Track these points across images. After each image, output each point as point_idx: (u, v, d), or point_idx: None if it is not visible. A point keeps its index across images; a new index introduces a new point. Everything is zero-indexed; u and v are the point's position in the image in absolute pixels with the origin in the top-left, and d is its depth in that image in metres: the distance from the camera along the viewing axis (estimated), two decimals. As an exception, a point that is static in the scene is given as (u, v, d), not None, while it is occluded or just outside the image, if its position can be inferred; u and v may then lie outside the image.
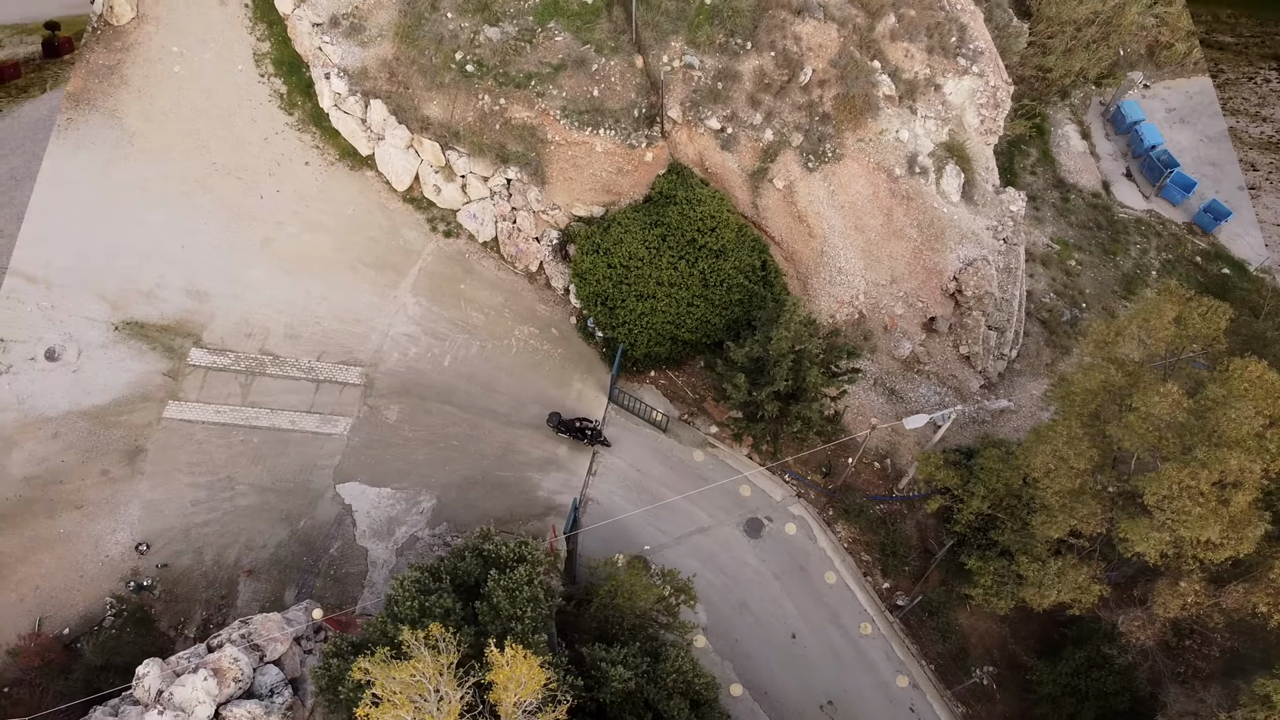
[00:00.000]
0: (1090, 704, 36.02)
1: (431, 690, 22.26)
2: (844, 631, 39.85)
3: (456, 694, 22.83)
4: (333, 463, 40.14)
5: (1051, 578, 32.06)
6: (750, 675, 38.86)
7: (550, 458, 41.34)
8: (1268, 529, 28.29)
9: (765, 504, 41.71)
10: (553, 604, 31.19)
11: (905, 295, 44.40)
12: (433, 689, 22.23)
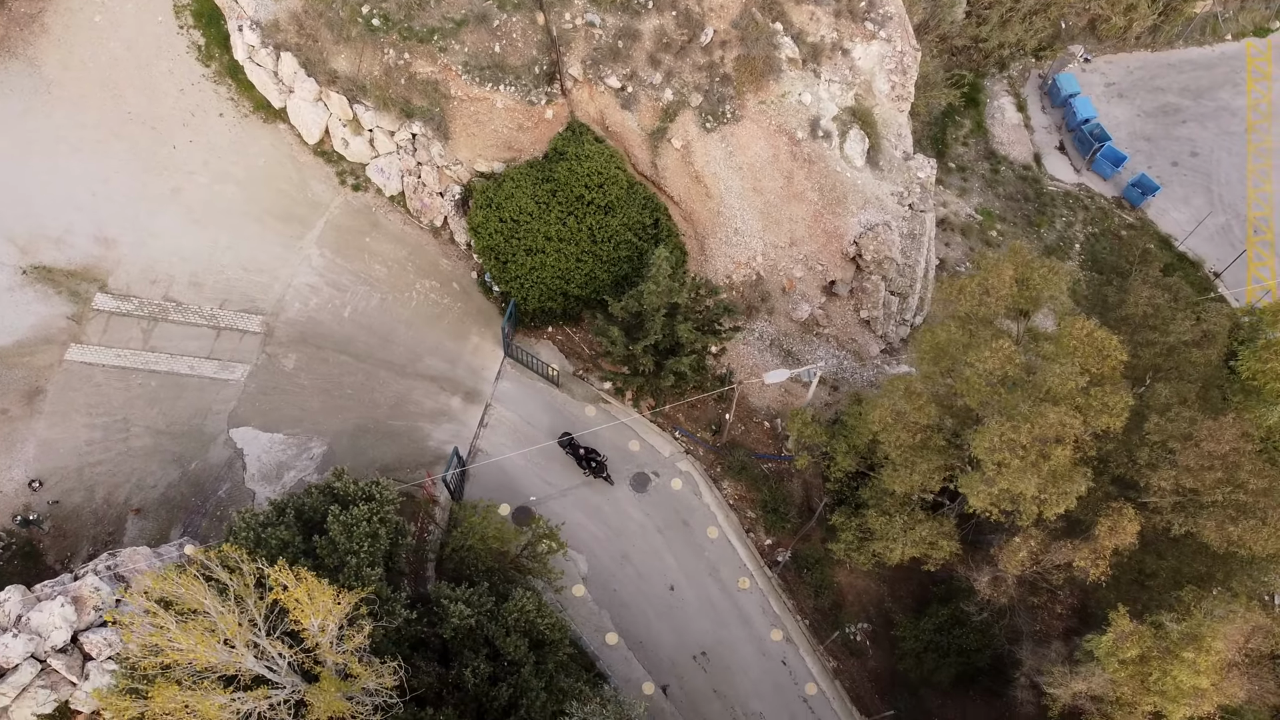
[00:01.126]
0: (950, 659, 36.71)
1: (217, 602, 23.11)
2: (722, 585, 40.60)
3: (252, 600, 23.66)
4: (228, 408, 40.98)
5: (897, 532, 32.68)
6: (627, 625, 39.69)
7: (443, 409, 42.10)
8: (1090, 485, 28.78)
9: (653, 459, 42.39)
10: (405, 542, 32.03)
11: (805, 258, 44.76)
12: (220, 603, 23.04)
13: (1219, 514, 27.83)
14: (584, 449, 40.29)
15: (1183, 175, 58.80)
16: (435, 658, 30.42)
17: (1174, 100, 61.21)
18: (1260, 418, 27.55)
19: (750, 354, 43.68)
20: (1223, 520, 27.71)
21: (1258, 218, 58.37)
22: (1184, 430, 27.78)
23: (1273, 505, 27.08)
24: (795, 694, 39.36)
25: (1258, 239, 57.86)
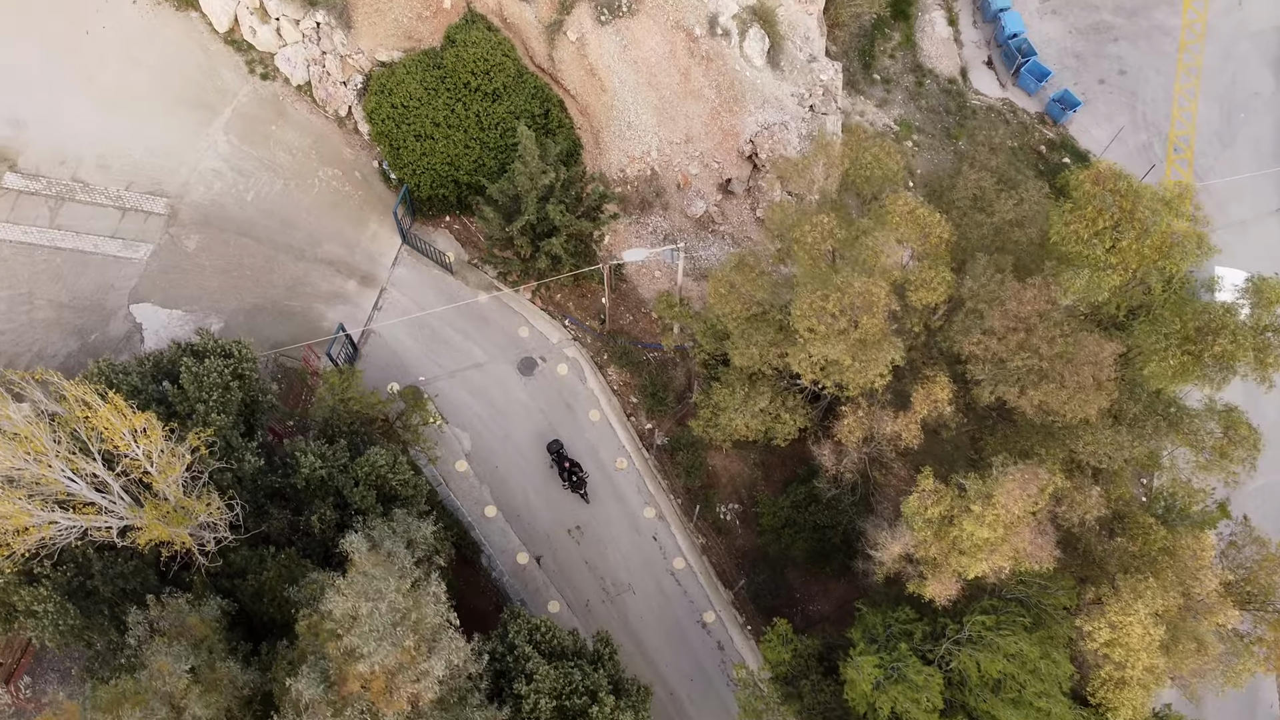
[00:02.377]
0: (806, 535, 38.38)
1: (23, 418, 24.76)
2: (600, 465, 42.26)
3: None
4: (129, 285, 42.47)
5: (739, 403, 34.09)
6: (506, 499, 41.48)
7: (338, 292, 43.49)
8: (903, 355, 30.00)
9: (541, 345, 43.81)
10: (265, 400, 33.66)
11: (701, 155, 45.59)
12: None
13: (1022, 378, 29.06)
14: (570, 461, 40.53)
15: (1109, 93, 58.96)
16: (289, 506, 32.19)
17: (1108, 18, 61.01)
18: (1067, 283, 28.50)
19: (644, 248, 44.73)
20: (1025, 384, 28.95)
21: (1179, 136, 58.68)
22: (993, 294, 28.89)
23: (1070, 369, 28.23)
24: (663, 567, 41.22)
25: (1177, 157, 58.28)
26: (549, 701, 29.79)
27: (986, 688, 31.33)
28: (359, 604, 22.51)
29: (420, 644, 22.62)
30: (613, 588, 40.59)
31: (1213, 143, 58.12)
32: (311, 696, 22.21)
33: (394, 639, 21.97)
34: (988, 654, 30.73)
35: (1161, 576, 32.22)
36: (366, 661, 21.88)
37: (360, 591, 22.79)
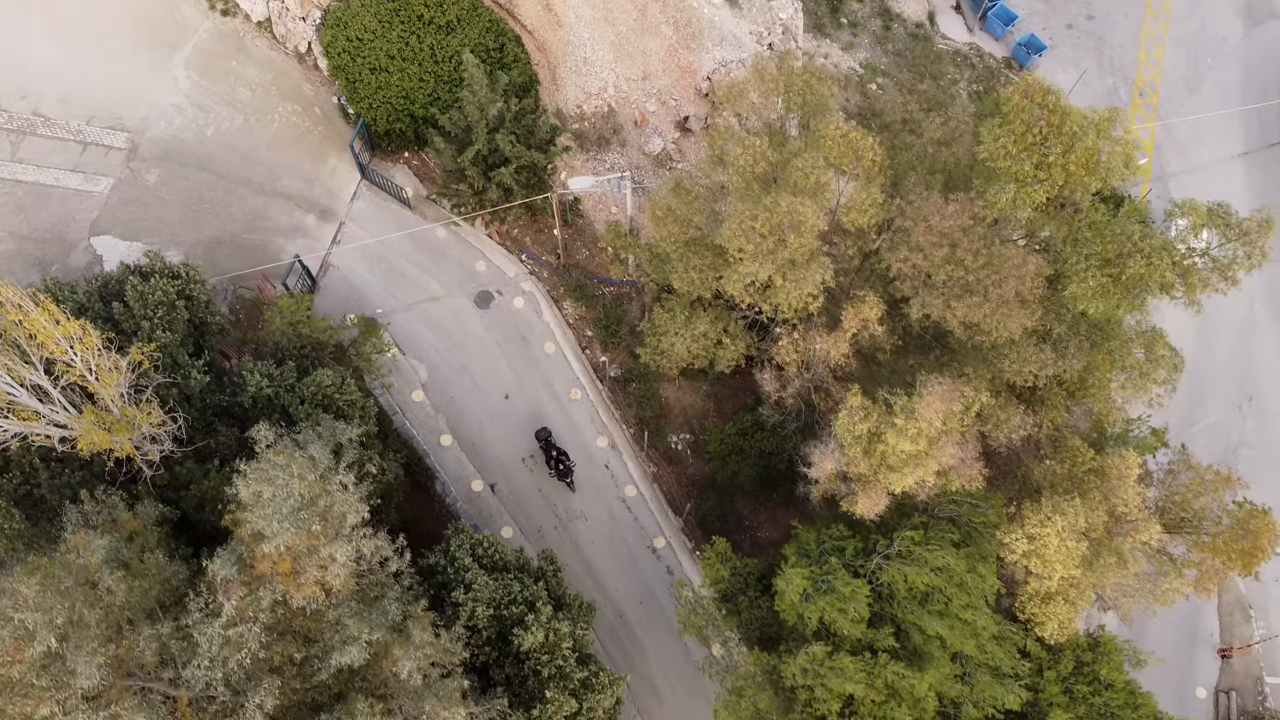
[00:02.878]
0: (751, 462, 39.20)
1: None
2: (555, 396, 43.04)
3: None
4: (90, 218, 42.99)
5: (679, 327, 34.77)
6: (461, 429, 42.29)
7: (297, 226, 44.02)
8: (833, 276, 30.61)
9: (498, 279, 44.42)
10: (214, 322, 34.35)
11: (658, 92, 45.91)
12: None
13: (948, 293, 29.68)
14: (557, 450, 40.66)
15: (1076, 38, 59.11)
16: (236, 424, 32.97)
17: (1077, -38, 60.98)
18: (993, 197, 28.98)
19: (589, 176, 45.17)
20: (950, 298, 29.58)
21: (1145, 82, 58.88)
22: (918, 211, 29.45)
23: (995, 282, 28.81)
24: (615, 495, 42.12)
25: (1142, 102, 58.51)
26: (486, 610, 30.76)
27: (914, 600, 32.26)
28: (262, 488, 23.33)
29: (327, 530, 23.44)
30: (565, 514, 41.50)
31: (1179, 88, 58.34)
32: (225, 575, 23.10)
33: (297, 522, 22.79)
34: (915, 568, 31.61)
35: (1088, 496, 33.08)
36: (271, 543, 22.72)
37: (264, 477, 23.60)
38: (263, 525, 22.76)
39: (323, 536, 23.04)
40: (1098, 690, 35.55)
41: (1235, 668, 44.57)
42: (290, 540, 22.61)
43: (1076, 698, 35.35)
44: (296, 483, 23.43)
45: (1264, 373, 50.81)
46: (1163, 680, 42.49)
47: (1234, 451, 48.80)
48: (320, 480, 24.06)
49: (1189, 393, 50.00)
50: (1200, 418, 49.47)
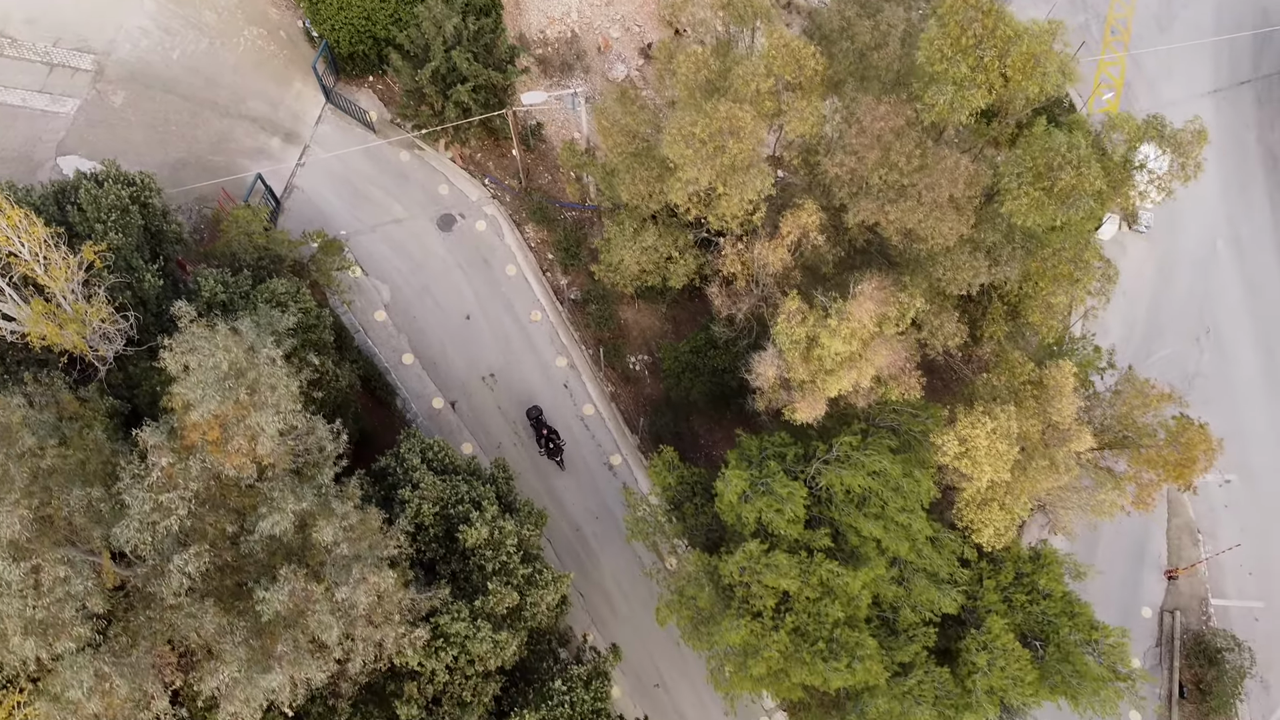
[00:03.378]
0: (704, 378, 39.95)
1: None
2: (515, 317, 43.74)
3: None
4: (57, 138, 43.45)
5: (628, 239, 35.36)
6: (423, 348, 43.05)
7: (262, 148, 44.48)
8: (774, 184, 31.14)
9: (461, 203, 44.96)
10: (171, 230, 34.98)
11: (621, 18, 46.14)
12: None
13: (883, 196, 30.22)
14: (548, 428, 40.96)
15: (1050, -27, 58.94)
16: (192, 328, 33.69)
17: (1054, -103, 60.68)
18: (931, 99, 29.37)
19: (563, 109, 45.56)
20: (885, 202, 30.12)
21: (1118, 19, 58.90)
22: (852, 113, 29.90)
23: (928, 185, 29.33)
24: (574, 413, 42.96)
25: (1113, 39, 58.57)
26: (432, 508, 31.65)
27: (850, 504, 33.13)
28: (188, 359, 24.09)
29: (255, 400, 24.17)
30: (524, 432, 42.34)
31: (1150, 26, 58.37)
32: (154, 442, 23.93)
33: (224, 390, 23.54)
34: (852, 471, 32.42)
35: (1024, 406, 33.86)
36: (198, 410, 23.52)
37: (188, 348, 24.36)
38: (190, 394, 23.55)
39: (251, 407, 23.81)
40: (1036, 599, 36.49)
41: (1181, 589, 45.61)
42: (217, 408, 23.40)
43: (1015, 606, 36.29)
44: (221, 354, 24.18)
45: (1223, 307, 51.40)
46: (1110, 600, 43.63)
47: (1190, 382, 49.46)
48: (248, 354, 24.78)
49: (1148, 325, 50.74)
50: (1158, 349, 50.12)
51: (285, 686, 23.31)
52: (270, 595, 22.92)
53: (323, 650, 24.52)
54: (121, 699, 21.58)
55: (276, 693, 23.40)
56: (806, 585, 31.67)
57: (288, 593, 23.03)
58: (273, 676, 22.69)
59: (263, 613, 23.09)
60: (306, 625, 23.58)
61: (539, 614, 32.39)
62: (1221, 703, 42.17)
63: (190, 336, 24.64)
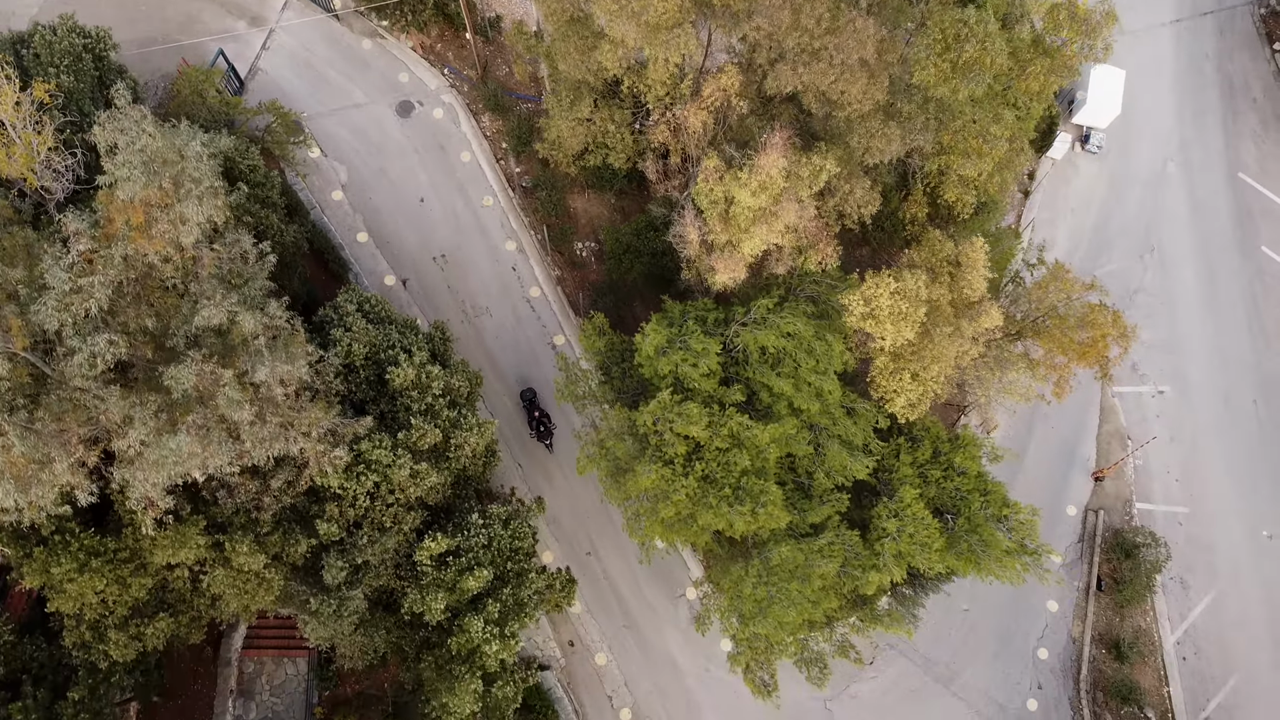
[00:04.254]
0: (644, 259, 41.33)
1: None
2: (468, 202, 45.16)
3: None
4: (29, 13, 44.78)
5: (565, 109, 36.65)
6: (377, 227, 44.53)
7: (228, 30, 45.81)
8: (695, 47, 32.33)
9: (420, 91, 46.26)
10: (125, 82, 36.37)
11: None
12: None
13: (796, 59, 31.44)
14: (540, 410, 41.73)
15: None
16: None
17: None
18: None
19: (522, 2, 46.72)
20: (796, 64, 31.33)
21: (1086, -53, 59.37)
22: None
23: (839, 47, 30.49)
24: (520, 295, 44.46)
25: (1080, -34, 59.08)
26: (362, 348, 33.23)
27: (765, 364, 34.60)
28: (116, 138, 25.56)
29: (180, 192, 25.55)
30: (471, 310, 43.89)
31: (1118, -46, 58.82)
32: (76, 228, 25.41)
33: (149, 173, 24.97)
34: (766, 331, 33.87)
35: (940, 279, 35.20)
36: (124, 189, 24.96)
37: (118, 128, 25.81)
38: (115, 172, 24.99)
39: (176, 197, 25.20)
40: (951, 476, 37.93)
41: (1107, 490, 47.05)
42: (142, 191, 24.80)
43: (930, 481, 37.74)
44: (148, 138, 25.56)
45: (1169, 227, 52.47)
46: (1037, 498, 44.66)
47: (1131, 297, 50.71)
48: (178, 151, 26.03)
49: (1094, 241, 51.88)
50: (1104, 265, 51.26)
51: (195, 457, 24.79)
52: (179, 371, 24.42)
53: (235, 435, 25.99)
54: (17, 456, 23.12)
55: (185, 460, 24.72)
56: (717, 436, 33.18)
57: (196, 371, 24.55)
58: (181, 438, 24.18)
59: (172, 389, 24.65)
60: (216, 405, 25.11)
61: (463, 457, 33.99)
62: (1135, 593, 43.72)
63: (122, 117, 26.01)
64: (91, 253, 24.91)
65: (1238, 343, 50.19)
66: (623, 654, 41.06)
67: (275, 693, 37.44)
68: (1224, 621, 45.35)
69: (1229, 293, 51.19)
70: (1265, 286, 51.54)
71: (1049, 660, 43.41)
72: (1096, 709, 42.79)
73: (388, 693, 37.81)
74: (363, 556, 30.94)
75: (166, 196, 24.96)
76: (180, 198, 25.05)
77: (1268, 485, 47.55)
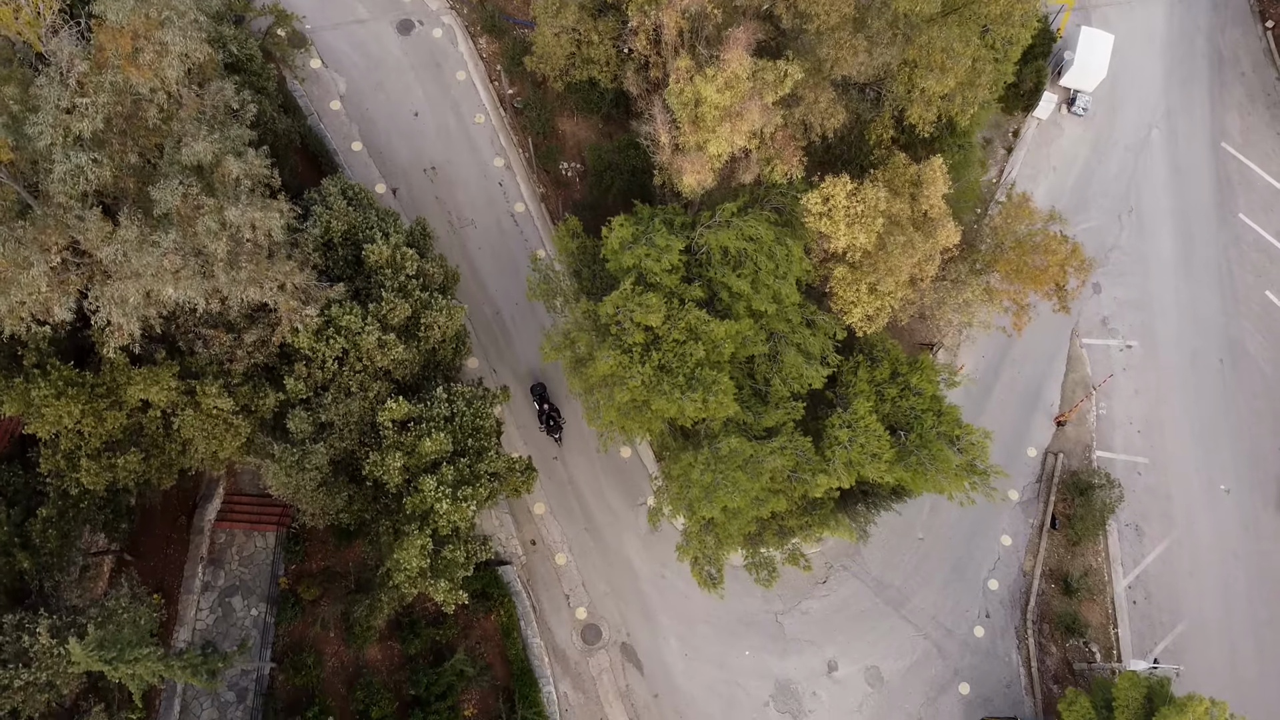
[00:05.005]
0: (623, 176, 42.85)
1: None
2: (460, 119, 46.81)
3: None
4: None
5: (551, 15, 38.18)
6: (371, 138, 46.24)
7: (241, -56, 47.59)
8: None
9: (421, 10, 47.99)
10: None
11: None
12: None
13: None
14: (550, 404, 42.80)
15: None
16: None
17: None
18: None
19: (525, -67, 48.37)
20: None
21: (1086, -81, 60.45)
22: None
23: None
24: (505, 209, 46.05)
25: (1079, -63, 60.16)
26: (341, 225, 34.86)
27: (727, 266, 35.95)
28: None
29: (163, 21, 27.14)
30: (457, 221, 45.51)
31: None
32: (71, 51, 27.01)
33: (136, 3, 26.63)
34: (729, 233, 35.23)
35: (900, 195, 36.50)
36: (113, 10, 26.55)
37: None
38: (100, 9, 26.72)
39: (159, 26, 26.80)
40: (907, 396, 39.12)
41: (1068, 435, 48.10)
42: (128, 19, 26.40)
43: (886, 398, 38.93)
44: None
45: (1149, 190, 53.50)
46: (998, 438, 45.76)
47: (1107, 254, 51.78)
48: None
49: (1074, 198, 52.95)
50: (1081, 221, 52.32)
51: (169, 274, 26.20)
52: (164, 188, 26.02)
53: (209, 272, 27.52)
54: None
55: (162, 276, 26.05)
56: (675, 329, 34.55)
57: (181, 193, 26.14)
58: (164, 242, 25.63)
59: (156, 204, 26.22)
60: (195, 233, 26.68)
61: (432, 338, 35.54)
62: (1087, 530, 44.76)
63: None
64: (84, 77, 26.56)
65: (1209, 304, 51.15)
66: (582, 555, 42.47)
67: (244, 563, 39.08)
68: (1176, 569, 46.29)
69: (1204, 256, 52.16)
70: (1240, 252, 52.47)
71: (999, 591, 44.50)
72: (1042, 640, 43.86)
73: (351, 570, 39.38)
74: (328, 415, 32.51)
75: (151, 24, 26.51)
76: (162, 23, 26.61)
77: (1228, 441, 48.47)
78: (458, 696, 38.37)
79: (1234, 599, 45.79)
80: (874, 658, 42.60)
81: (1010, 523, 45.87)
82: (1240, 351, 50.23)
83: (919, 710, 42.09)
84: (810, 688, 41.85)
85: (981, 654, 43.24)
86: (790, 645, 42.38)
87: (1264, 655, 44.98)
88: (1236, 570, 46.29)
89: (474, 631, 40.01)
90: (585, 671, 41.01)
